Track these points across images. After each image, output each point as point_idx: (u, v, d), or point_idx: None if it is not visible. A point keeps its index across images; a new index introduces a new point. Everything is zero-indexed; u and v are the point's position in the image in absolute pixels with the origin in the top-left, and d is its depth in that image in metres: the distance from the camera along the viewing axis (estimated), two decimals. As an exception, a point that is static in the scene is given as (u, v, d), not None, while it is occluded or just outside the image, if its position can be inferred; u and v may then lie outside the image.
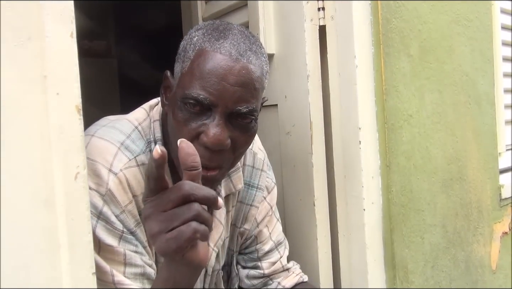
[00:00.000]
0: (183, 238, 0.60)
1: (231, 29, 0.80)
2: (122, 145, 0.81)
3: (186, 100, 0.77)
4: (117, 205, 0.79)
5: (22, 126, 0.61)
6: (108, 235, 0.78)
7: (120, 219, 0.79)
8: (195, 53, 0.79)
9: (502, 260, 1.62)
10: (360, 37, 1.15)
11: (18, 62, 0.60)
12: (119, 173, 0.79)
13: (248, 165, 1.02)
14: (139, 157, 0.83)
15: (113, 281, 0.77)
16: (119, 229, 0.79)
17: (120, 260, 0.78)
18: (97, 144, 0.80)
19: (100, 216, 0.77)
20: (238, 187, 0.98)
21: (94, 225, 0.76)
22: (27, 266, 0.61)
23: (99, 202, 0.77)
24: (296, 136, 1.21)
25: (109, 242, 0.77)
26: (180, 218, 0.61)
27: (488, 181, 1.58)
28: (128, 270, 0.79)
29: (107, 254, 0.78)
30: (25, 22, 0.61)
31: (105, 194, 0.78)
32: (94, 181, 0.78)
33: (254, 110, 0.79)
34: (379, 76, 1.18)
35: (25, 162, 0.61)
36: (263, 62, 0.82)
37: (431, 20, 1.33)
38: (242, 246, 1.06)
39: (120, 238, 0.79)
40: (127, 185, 0.80)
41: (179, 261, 0.65)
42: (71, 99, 0.65)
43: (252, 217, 1.03)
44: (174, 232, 0.61)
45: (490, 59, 1.59)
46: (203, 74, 0.76)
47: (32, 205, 0.61)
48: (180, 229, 0.60)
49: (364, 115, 1.15)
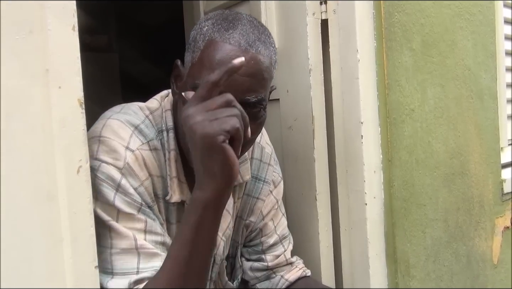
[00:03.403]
0: (228, 123, 0.66)
1: (240, 19, 0.81)
2: (136, 129, 0.82)
3: (196, 89, 0.77)
4: (135, 178, 0.79)
5: (24, 120, 0.61)
6: (127, 206, 0.77)
7: (138, 192, 0.79)
8: (205, 43, 0.79)
9: (503, 255, 1.63)
10: (362, 31, 1.14)
11: (20, 56, 0.60)
12: (136, 150, 0.80)
13: (256, 158, 1.03)
14: (152, 142, 0.84)
15: (135, 246, 0.77)
16: (137, 202, 0.78)
17: (141, 227, 0.78)
18: (113, 125, 0.81)
19: (118, 189, 0.77)
20: (245, 178, 0.99)
21: (112, 197, 0.76)
22: (29, 260, 0.61)
23: (117, 175, 0.77)
24: (298, 131, 1.21)
25: (129, 211, 0.77)
26: (224, 113, 0.67)
27: (490, 176, 1.58)
28: (149, 237, 0.79)
29: (126, 223, 0.77)
30: (27, 15, 0.61)
31: (123, 167, 0.78)
32: (111, 156, 0.78)
33: (263, 100, 0.80)
34: (381, 71, 1.18)
35: (28, 156, 0.61)
36: (272, 52, 0.83)
37: (433, 14, 1.33)
38: (247, 239, 1.07)
39: (139, 210, 0.79)
40: (143, 163, 0.81)
41: (214, 165, 0.68)
42: (73, 93, 0.65)
43: (258, 210, 1.03)
44: (218, 120, 0.66)
45: (492, 54, 1.59)
46: (212, 64, 0.77)
47: (35, 198, 0.62)
48: (224, 119, 0.67)
49: (366, 109, 1.14)
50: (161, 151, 0.85)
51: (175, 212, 0.88)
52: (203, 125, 0.66)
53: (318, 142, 1.18)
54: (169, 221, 0.88)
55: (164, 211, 0.86)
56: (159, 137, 0.86)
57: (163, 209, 0.86)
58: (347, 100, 1.16)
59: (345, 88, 1.17)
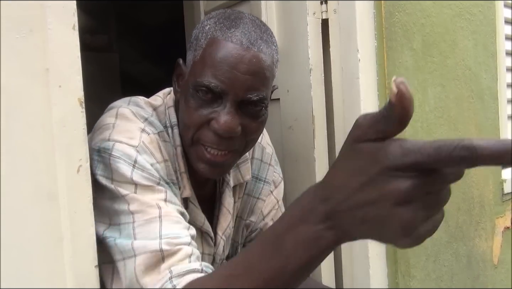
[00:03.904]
0: (434, 229, 0.44)
1: (242, 18, 0.81)
2: (146, 120, 0.82)
3: (197, 87, 0.78)
4: (151, 156, 0.77)
5: (24, 119, 0.61)
6: (145, 180, 0.74)
7: (155, 168, 0.76)
8: (207, 42, 0.79)
9: (504, 255, 1.62)
10: (363, 30, 1.14)
11: (20, 55, 0.60)
12: (151, 134, 0.79)
13: (257, 158, 1.03)
14: (162, 133, 0.83)
15: (159, 214, 0.72)
16: (155, 176, 0.75)
17: (162, 197, 0.74)
18: (126, 113, 0.80)
19: (135, 165, 0.74)
20: (246, 178, 0.99)
21: (130, 173, 0.73)
22: (29, 259, 0.61)
23: (132, 152, 0.74)
24: (298, 131, 1.21)
25: (147, 183, 0.74)
26: (440, 202, 0.44)
27: (491, 176, 1.57)
28: (171, 206, 0.75)
29: (146, 194, 0.73)
30: (27, 14, 0.61)
31: (138, 145, 0.76)
32: (126, 135, 0.76)
33: (264, 98, 0.80)
34: (382, 70, 1.18)
35: (28, 155, 0.61)
36: (274, 51, 0.83)
37: (434, 14, 1.32)
38: (247, 239, 1.06)
39: (158, 184, 0.76)
40: (158, 147, 0.79)
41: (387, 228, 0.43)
42: (73, 92, 0.65)
43: (258, 210, 1.03)
44: (430, 222, 0.43)
45: (493, 54, 1.59)
46: (214, 62, 0.77)
47: (35, 198, 0.61)
48: (436, 218, 0.44)
49: (366, 109, 1.14)
50: (170, 143, 0.84)
51: None
52: (414, 236, 0.42)
53: (319, 142, 1.18)
54: None
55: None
56: (166, 132, 0.86)
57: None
58: (348, 100, 1.16)
59: (345, 88, 1.17)
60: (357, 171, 0.44)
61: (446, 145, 0.40)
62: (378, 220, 0.43)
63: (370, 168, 0.43)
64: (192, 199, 0.88)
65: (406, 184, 0.41)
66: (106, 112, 0.82)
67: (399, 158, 0.42)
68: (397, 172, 0.42)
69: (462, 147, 0.39)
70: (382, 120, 0.44)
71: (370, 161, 0.44)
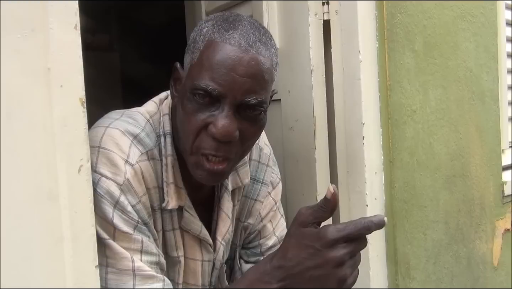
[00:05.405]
0: (355, 279, 0.73)
1: (240, 20, 0.80)
2: (135, 138, 0.81)
3: (195, 91, 0.76)
4: (134, 195, 0.78)
5: (25, 118, 0.61)
6: (124, 224, 0.77)
7: (136, 209, 0.78)
8: (205, 44, 0.78)
9: (504, 257, 1.62)
10: (365, 32, 1.14)
11: (21, 54, 0.60)
12: (135, 164, 0.79)
13: (254, 159, 1.02)
14: (151, 152, 0.82)
15: (133, 267, 0.76)
16: (134, 219, 0.78)
17: (137, 247, 0.77)
18: (113, 135, 0.79)
19: (116, 205, 0.76)
20: (245, 182, 0.98)
21: (110, 214, 0.75)
22: (30, 259, 0.61)
23: (116, 191, 0.76)
24: (299, 132, 1.21)
25: (126, 230, 0.76)
26: (357, 262, 0.73)
27: (491, 178, 1.57)
28: (145, 258, 0.78)
29: (122, 242, 0.76)
30: (29, 13, 0.61)
31: (123, 183, 0.77)
32: (111, 170, 0.77)
33: (263, 102, 0.79)
34: (383, 72, 1.18)
35: (29, 155, 0.61)
36: (273, 53, 0.81)
37: (436, 16, 1.32)
38: (246, 241, 1.06)
39: (135, 228, 0.78)
40: (142, 177, 0.80)
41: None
42: (74, 92, 0.65)
43: (256, 212, 1.02)
44: (353, 275, 0.72)
45: (494, 56, 1.58)
46: (212, 65, 0.76)
47: (36, 197, 0.61)
48: (355, 273, 0.73)
49: (367, 110, 1.14)
50: (158, 160, 0.84)
51: (170, 218, 0.87)
52: (348, 283, 0.73)
53: (319, 143, 1.18)
54: (164, 228, 0.87)
55: (159, 220, 0.86)
56: (158, 143, 0.85)
57: (159, 219, 0.85)
58: (349, 101, 1.16)
59: (346, 89, 1.17)
60: (304, 245, 0.71)
61: (359, 222, 0.71)
62: (322, 278, 0.70)
63: (315, 243, 0.70)
64: (187, 207, 0.87)
65: (342, 251, 0.69)
66: (95, 128, 0.80)
67: (336, 233, 0.69)
68: (335, 244, 0.69)
69: (367, 221, 0.70)
70: (319, 210, 0.72)
71: (314, 238, 0.70)
